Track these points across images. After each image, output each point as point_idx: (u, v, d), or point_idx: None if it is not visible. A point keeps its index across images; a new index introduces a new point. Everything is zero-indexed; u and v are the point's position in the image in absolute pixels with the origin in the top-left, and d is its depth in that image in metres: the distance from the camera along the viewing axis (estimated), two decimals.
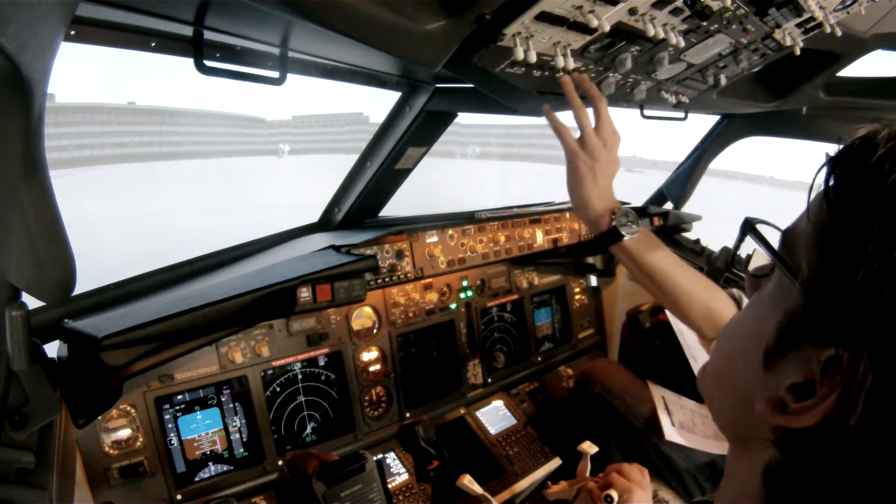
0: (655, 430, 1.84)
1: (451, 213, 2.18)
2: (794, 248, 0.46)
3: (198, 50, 1.03)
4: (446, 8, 0.82)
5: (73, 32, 0.95)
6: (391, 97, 1.72)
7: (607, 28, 0.91)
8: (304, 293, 1.35)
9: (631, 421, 1.92)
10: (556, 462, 2.01)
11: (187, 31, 1.02)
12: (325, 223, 2.03)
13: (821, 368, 0.40)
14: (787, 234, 0.48)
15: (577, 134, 1.16)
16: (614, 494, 1.22)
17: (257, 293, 1.27)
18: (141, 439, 1.41)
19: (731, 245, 2.36)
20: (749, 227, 0.55)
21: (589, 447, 1.42)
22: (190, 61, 1.06)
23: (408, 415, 1.94)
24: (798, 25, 1.29)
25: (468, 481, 1.38)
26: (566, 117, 1.23)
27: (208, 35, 1.04)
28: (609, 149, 1.14)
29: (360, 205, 1.95)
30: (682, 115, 1.91)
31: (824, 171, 0.46)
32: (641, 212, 2.46)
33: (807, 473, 0.42)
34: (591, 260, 2.66)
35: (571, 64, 0.99)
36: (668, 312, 2.13)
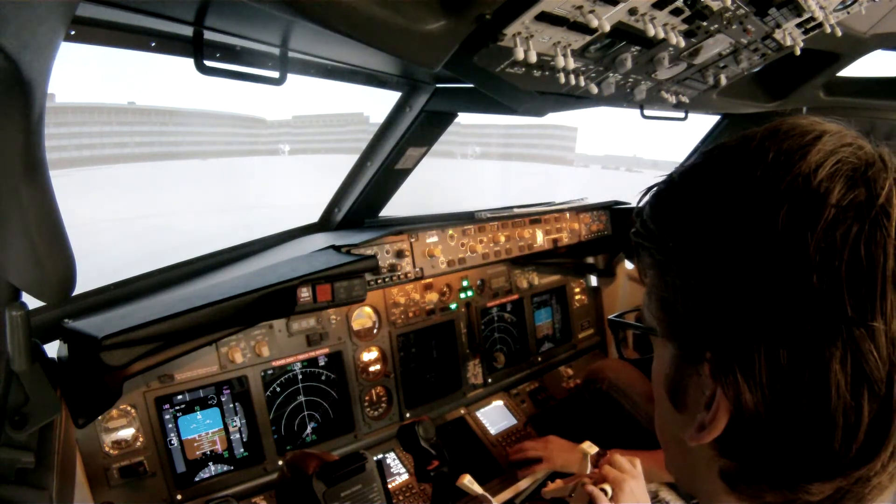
0: None
1: (451, 213, 2.18)
2: (643, 317, 0.56)
3: (198, 50, 1.03)
4: (446, 8, 0.82)
5: (73, 32, 0.95)
6: (391, 97, 1.72)
7: (607, 28, 0.91)
8: (304, 293, 1.35)
9: (637, 419, 1.93)
10: None
11: (187, 31, 1.02)
12: (325, 223, 2.03)
13: (711, 381, 0.45)
14: (642, 311, 0.58)
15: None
16: (608, 488, 1.23)
17: (257, 293, 1.27)
18: (141, 439, 1.41)
19: None
20: (614, 326, 0.62)
21: (589, 447, 1.42)
22: (190, 61, 1.06)
23: (408, 415, 1.94)
24: (798, 25, 1.29)
25: (468, 481, 1.38)
26: (567, 116, 1.24)
27: (208, 35, 1.04)
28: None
29: (360, 205, 1.95)
30: (682, 115, 1.91)
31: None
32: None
33: (753, 460, 0.46)
34: (591, 260, 2.66)
35: (571, 64, 0.99)
36: None
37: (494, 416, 2.10)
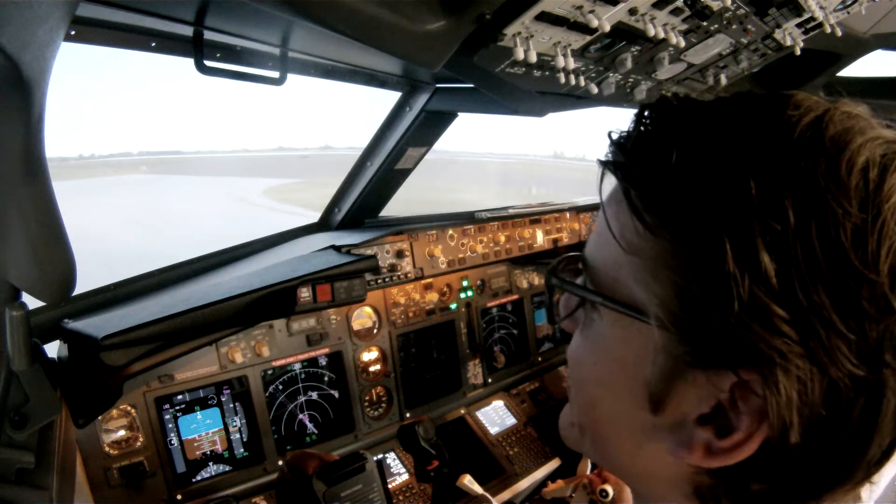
0: None
1: (451, 213, 2.18)
2: (614, 284, 0.41)
3: (198, 50, 1.04)
4: (446, 8, 0.82)
5: (73, 32, 0.95)
6: (391, 97, 1.72)
7: (607, 28, 0.91)
8: (305, 293, 1.35)
9: None
10: (556, 462, 2.01)
11: (187, 31, 1.02)
12: (325, 223, 2.03)
13: (729, 395, 0.36)
14: (594, 273, 0.43)
15: None
16: (609, 489, 1.23)
17: (257, 293, 1.27)
18: (141, 439, 1.41)
19: None
20: (552, 284, 0.47)
21: None
22: (190, 61, 1.06)
23: (408, 415, 1.94)
24: (798, 25, 1.29)
25: (468, 481, 1.38)
26: (567, 115, 1.24)
27: (208, 35, 1.04)
28: None
29: (361, 205, 1.95)
30: None
31: (615, 186, 0.42)
32: None
33: (747, 486, 0.38)
34: None
35: (571, 64, 0.99)
36: None
37: (494, 416, 2.10)
